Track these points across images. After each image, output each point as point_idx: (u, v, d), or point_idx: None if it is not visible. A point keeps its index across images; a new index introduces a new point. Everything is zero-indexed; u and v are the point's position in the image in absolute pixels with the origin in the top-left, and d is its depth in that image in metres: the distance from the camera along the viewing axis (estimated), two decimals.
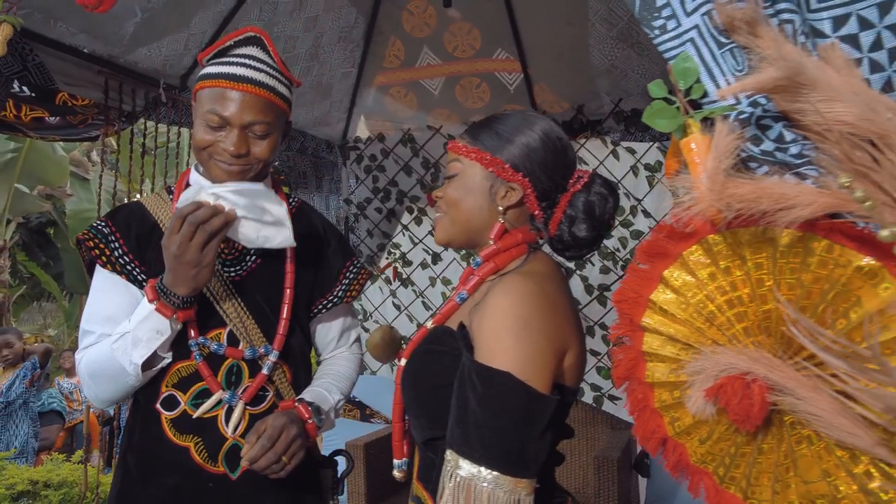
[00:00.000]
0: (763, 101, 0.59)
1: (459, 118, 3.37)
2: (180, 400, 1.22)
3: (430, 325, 1.02)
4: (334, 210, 3.70)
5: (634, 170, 3.04)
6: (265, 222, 1.16)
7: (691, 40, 0.62)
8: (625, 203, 3.06)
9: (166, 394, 1.22)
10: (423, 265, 3.55)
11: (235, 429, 1.21)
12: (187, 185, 1.29)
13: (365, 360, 3.74)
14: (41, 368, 4.27)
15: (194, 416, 1.20)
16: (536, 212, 1.00)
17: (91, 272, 1.27)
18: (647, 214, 3.02)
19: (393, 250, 3.66)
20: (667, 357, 0.72)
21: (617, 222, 3.40)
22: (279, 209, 1.17)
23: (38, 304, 11.46)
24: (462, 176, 1.02)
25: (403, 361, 1.01)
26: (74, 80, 2.15)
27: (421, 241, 3.53)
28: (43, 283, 9.28)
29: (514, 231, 1.00)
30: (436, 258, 3.52)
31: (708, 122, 0.62)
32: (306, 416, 1.19)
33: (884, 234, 0.50)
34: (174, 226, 1.09)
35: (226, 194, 1.12)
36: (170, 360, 1.20)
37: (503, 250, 0.99)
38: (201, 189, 1.13)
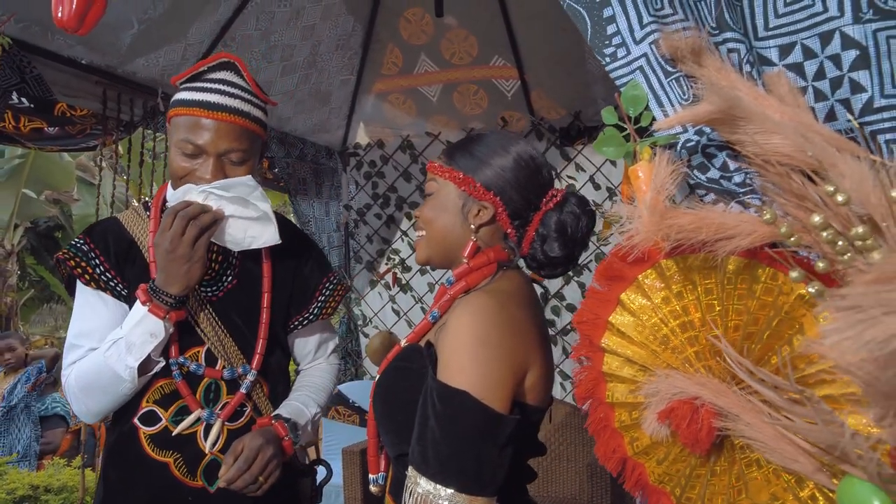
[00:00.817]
0: (708, 129, 0.60)
1: (458, 124, 3.39)
2: (161, 416, 1.23)
3: (404, 342, 1.04)
4: (334, 216, 3.72)
5: None
6: (251, 219, 1.18)
7: (640, 68, 0.63)
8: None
9: (146, 409, 1.23)
10: (422, 271, 3.57)
11: (214, 445, 1.23)
12: (164, 201, 1.30)
13: (364, 365, 3.76)
14: (48, 372, 4.32)
15: (174, 433, 1.21)
16: (509, 230, 1.01)
17: (72, 290, 1.28)
18: None
19: (392, 256, 3.67)
20: (625, 378, 0.73)
21: (614, 228, 3.40)
22: (265, 204, 1.19)
23: (49, 307, 11.59)
24: (437, 195, 1.05)
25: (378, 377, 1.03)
26: (73, 90, 2.19)
27: None
28: (52, 286, 9.38)
29: (486, 250, 1.02)
30: None
31: (661, 149, 0.63)
32: (283, 433, 1.21)
33: (794, 275, 0.50)
34: (166, 223, 1.12)
35: (214, 191, 1.15)
36: (164, 363, 1.21)
37: (475, 269, 1.00)
38: (190, 189, 1.16)
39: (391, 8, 3.01)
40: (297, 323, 1.39)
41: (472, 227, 1.01)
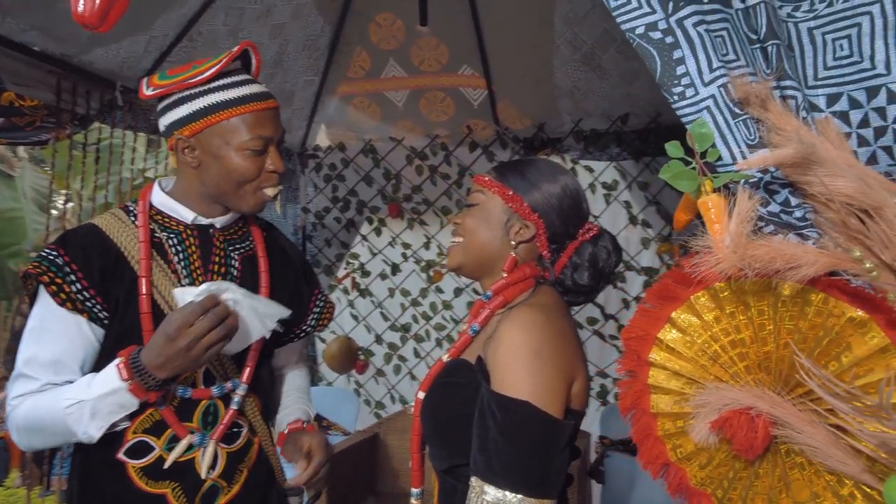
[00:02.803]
0: (772, 168, 0.67)
1: (423, 130, 3.41)
2: (154, 445, 1.14)
3: (445, 358, 1.07)
4: (291, 219, 3.65)
5: (592, 187, 3.17)
6: (254, 323, 1.12)
7: (707, 108, 0.69)
8: None
9: (135, 441, 1.14)
10: (382, 276, 3.56)
11: (210, 470, 1.17)
12: (151, 207, 1.21)
13: (321, 370, 3.71)
14: None
15: (165, 464, 1.14)
16: (545, 252, 1.07)
17: (31, 305, 1.14)
18: None
19: (351, 260, 3.65)
20: (671, 390, 0.79)
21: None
22: (277, 309, 1.14)
23: None
24: (482, 207, 1.09)
25: (422, 394, 1.06)
26: (23, 78, 2.03)
27: (380, 251, 3.55)
28: None
29: (522, 265, 1.07)
30: (395, 269, 3.54)
31: (744, 185, 0.69)
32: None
33: (892, 297, 0.58)
34: (188, 319, 1.01)
35: (240, 299, 1.08)
36: (128, 424, 1.12)
37: (512, 283, 1.05)
38: (227, 288, 1.07)
39: (362, 12, 3.00)
40: (293, 336, 1.38)
41: (513, 242, 1.06)
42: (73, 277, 1.10)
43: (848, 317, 0.65)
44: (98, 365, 1.13)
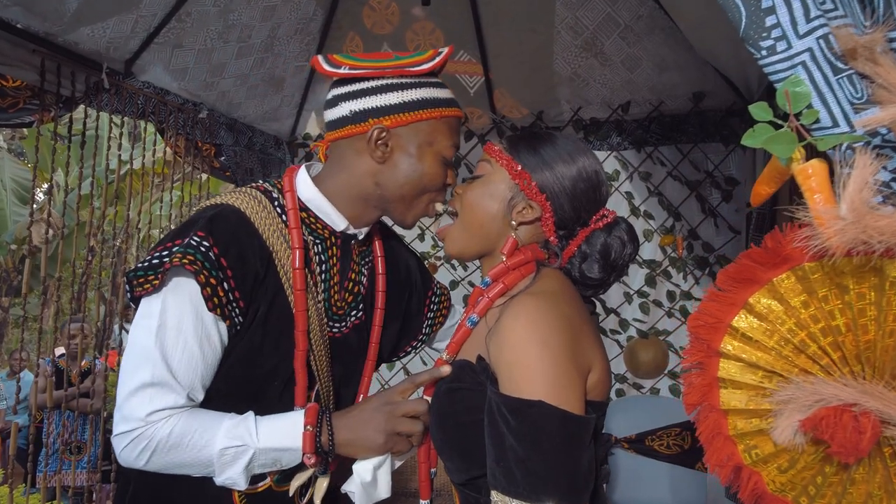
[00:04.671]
0: (884, 131, 0.59)
1: None
2: (266, 473, 1.03)
3: (445, 355, 0.97)
4: None
5: None
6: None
7: (803, 63, 0.61)
8: None
9: None
10: None
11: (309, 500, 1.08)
12: (299, 202, 1.06)
13: None
14: None
15: (290, 490, 1.04)
16: (552, 238, 0.98)
17: (139, 295, 0.95)
18: None
19: None
20: (745, 384, 0.71)
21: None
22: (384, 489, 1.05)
23: None
24: (486, 179, 1.00)
25: (427, 399, 0.98)
26: (5, 58, 1.90)
27: None
28: None
29: (523, 248, 0.98)
30: None
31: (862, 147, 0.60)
32: None
33: None
34: (408, 410, 0.97)
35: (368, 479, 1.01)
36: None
37: (512, 268, 0.96)
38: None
39: None
40: (408, 350, 1.28)
41: (514, 223, 0.96)
42: (222, 275, 0.94)
43: None
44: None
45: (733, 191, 2.87)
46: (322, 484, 1.05)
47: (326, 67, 1.02)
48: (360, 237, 1.12)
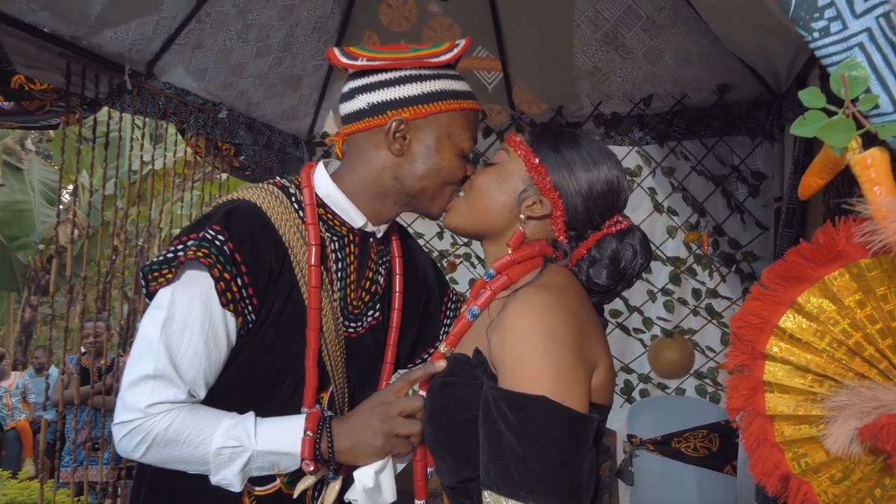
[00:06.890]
0: None
1: None
2: (276, 476, 1.00)
3: (443, 348, 0.94)
4: None
5: None
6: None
7: (860, 45, 0.57)
8: None
9: None
10: None
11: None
12: (316, 198, 1.04)
13: None
14: None
15: (296, 493, 1.01)
16: (561, 237, 0.95)
17: (152, 288, 0.94)
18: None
19: None
20: (793, 388, 0.67)
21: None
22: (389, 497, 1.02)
23: None
24: (501, 167, 0.98)
25: (423, 394, 0.94)
26: (33, 61, 1.93)
27: None
28: None
29: (531, 242, 0.95)
30: None
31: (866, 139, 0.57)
32: None
33: None
34: (404, 408, 0.94)
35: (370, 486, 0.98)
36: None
37: (518, 262, 0.93)
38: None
39: None
40: (424, 357, 1.25)
41: (522, 216, 0.94)
42: (235, 270, 0.93)
43: None
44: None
45: (760, 185, 2.79)
46: (334, 488, 1.03)
47: (343, 60, 1.00)
48: (379, 235, 1.10)
